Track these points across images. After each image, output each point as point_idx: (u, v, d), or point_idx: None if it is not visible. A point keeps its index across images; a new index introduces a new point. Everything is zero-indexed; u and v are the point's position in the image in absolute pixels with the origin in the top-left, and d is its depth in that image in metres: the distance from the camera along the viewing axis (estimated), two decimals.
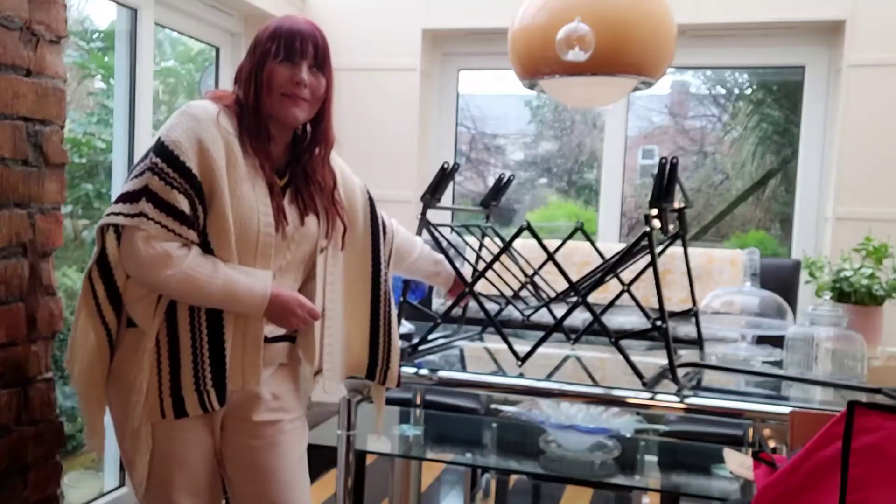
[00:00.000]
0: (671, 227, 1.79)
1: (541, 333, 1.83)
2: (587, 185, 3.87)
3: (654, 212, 1.67)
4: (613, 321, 2.62)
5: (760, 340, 2.08)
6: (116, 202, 1.47)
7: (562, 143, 3.96)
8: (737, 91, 3.89)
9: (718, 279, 2.71)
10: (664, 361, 1.70)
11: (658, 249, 1.71)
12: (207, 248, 1.49)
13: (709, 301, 2.07)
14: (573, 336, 2.15)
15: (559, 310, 1.95)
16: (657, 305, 1.65)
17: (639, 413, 2.02)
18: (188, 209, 1.44)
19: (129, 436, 1.53)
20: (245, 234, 1.49)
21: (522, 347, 1.83)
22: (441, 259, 2.00)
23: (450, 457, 2.21)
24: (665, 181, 1.68)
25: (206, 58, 3.49)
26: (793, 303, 2.63)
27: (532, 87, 2.16)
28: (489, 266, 1.86)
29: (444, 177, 1.98)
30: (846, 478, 1.08)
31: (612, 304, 1.77)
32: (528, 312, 2.09)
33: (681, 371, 1.72)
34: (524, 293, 2.17)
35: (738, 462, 1.49)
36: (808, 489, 1.13)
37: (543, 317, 2.14)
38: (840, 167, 3.01)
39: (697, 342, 2.05)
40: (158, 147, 1.46)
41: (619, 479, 1.89)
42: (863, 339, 1.75)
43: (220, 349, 1.50)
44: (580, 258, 2.80)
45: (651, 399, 1.61)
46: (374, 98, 3.52)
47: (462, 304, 2.04)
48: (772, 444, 1.58)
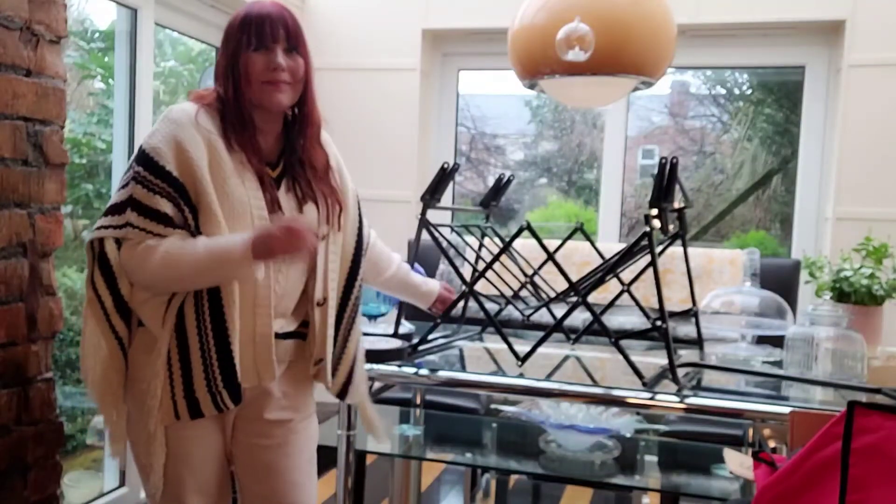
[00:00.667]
0: (671, 227, 1.79)
1: (541, 333, 1.83)
2: (587, 185, 3.88)
3: (654, 212, 1.67)
4: (613, 321, 2.62)
5: (760, 340, 2.08)
6: (105, 214, 1.51)
7: (562, 143, 3.96)
8: (737, 91, 3.89)
9: (718, 279, 2.71)
10: (664, 361, 1.70)
11: (658, 249, 1.71)
12: None
13: (709, 301, 2.07)
14: (573, 336, 2.15)
15: (559, 310, 1.95)
16: (657, 305, 1.65)
17: (639, 413, 2.02)
18: (171, 212, 1.46)
19: (145, 440, 1.53)
20: (238, 228, 1.48)
21: (522, 347, 1.83)
22: (419, 282, 1.98)
23: (450, 457, 2.21)
24: (665, 181, 1.68)
25: (207, 58, 3.49)
26: (793, 303, 2.63)
27: (532, 87, 2.16)
28: (489, 266, 1.86)
29: (444, 177, 1.98)
30: (846, 478, 1.08)
31: (612, 304, 1.77)
32: (528, 312, 2.09)
33: (681, 371, 1.72)
34: (524, 293, 2.17)
35: (738, 462, 1.49)
36: (808, 489, 1.13)
37: (543, 317, 2.14)
38: (840, 167, 3.01)
39: (697, 342, 2.05)
40: (139, 155, 1.48)
41: (619, 479, 1.89)
42: (863, 339, 1.75)
43: (227, 348, 1.49)
44: (580, 258, 2.80)
45: (651, 399, 1.61)
46: (374, 98, 3.51)
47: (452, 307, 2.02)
48: (772, 444, 1.58)
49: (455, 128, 3.71)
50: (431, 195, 1.97)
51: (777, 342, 1.99)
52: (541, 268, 2.05)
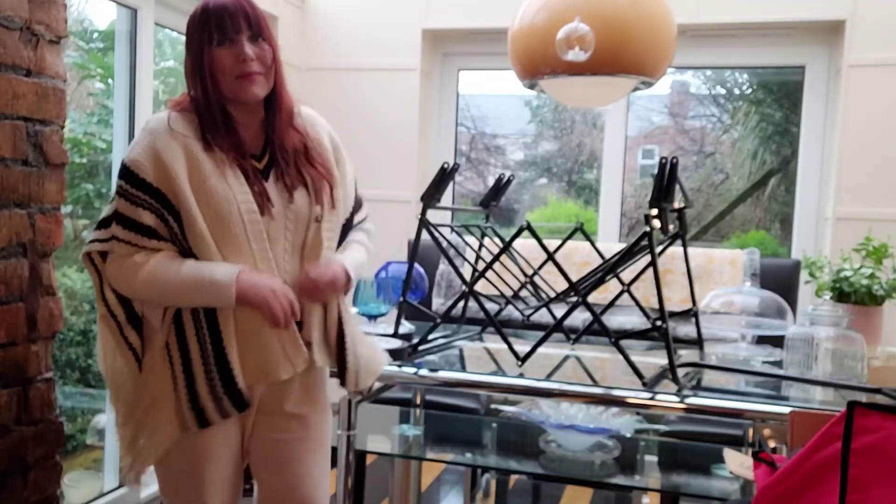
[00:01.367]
0: (671, 227, 1.79)
1: (541, 333, 1.83)
2: (587, 185, 3.87)
3: (654, 212, 1.67)
4: (613, 321, 2.62)
5: (760, 340, 2.08)
6: (95, 229, 1.54)
7: (562, 143, 3.96)
8: (737, 91, 3.89)
9: (718, 279, 2.71)
10: (664, 361, 1.70)
11: (658, 249, 1.71)
12: (190, 253, 1.49)
13: (709, 301, 2.07)
14: (573, 336, 2.15)
15: (559, 310, 1.95)
16: (657, 305, 1.65)
17: (639, 413, 2.02)
18: (154, 223, 1.48)
19: (145, 445, 1.56)
20: (228, 227, 1.47)
21: (522, 347, 1.83)
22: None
23: (450, 457, 2.21)
24: (665, 181, 1.68)
25: None
26: (793, 303, 2.63)
27: (532, 87, 2.16)
28: (489, 266, 1.86)
29: (444, 177, 1.97)
30: (846, 478, 1.08)
31: (612, 304, 1.77)
32: (528, 312, 2.09)
33: (681, 371, 1.72)
34: (524, 293, 2.17)
35: (738, 462, 1.49)
36: (808, 489, 1.13)
37: (543, 317, 2.14)
38: (840, 167, 3.01)
39: (697, 342, 2.05)
40: (121, 169, 1.50)
41: (619, 479, 1.89)
42: (863, 339, 1.75)
43: (224, 355, 1.49)
44: (580, 258, 2.80)
45: (651, 399, 1.61)
46: (374, 98, 3.51)
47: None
48: (772, 444, 1.58)
49: (455, 128, 3.71)
50: (431, 195, 1.97)
51: (777, 342, 1.99)
52: (541, 268, 2.05)
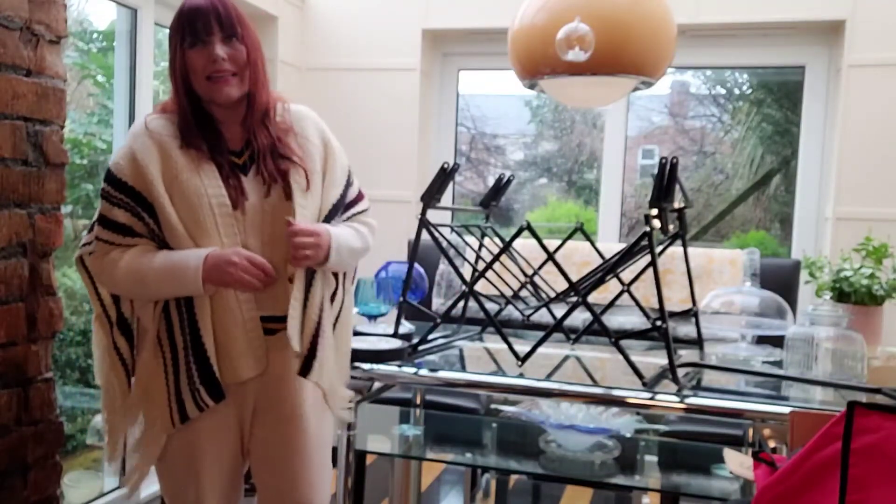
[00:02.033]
0: (671, 227, 1.79)
1: (541, 333, 1.83)
2: (587, 185, 3.87)
3: (654, 212, 1.67)
4: (613, 321, 2.62)
5: (760, 340, 2.08)
6: (88, 232, 1.60)
7: (562, 143, 3.96)
8: (737, 91, 3.88)
9: (718, 279, 2.71)
10: (664, 361, 1.70)
11: (658, 249, 1.71)
12: (167, 247, 1.52)
13: (709, 301, 2.07)
14: (573, 336, 2.15)
15: (559, 310, 1.95)
16: (657, 305, 1.65)
17: (639, 413, 2.02)
18: (129, 221, 1.52)
19: (144, 441, 1.59)
20: (199, 220, 1.49)
21: (522, 347, 1.83)
22: None
23: (450, 457, 2.21)
24: (665, 181, 1.68)
25: None
26: (793, 303, 2.63)
27: (532, 87, 2.16)
28: (489, 266, 1.86)
29: (444, 177, 1.97)
30: (846, 478, 1.08)
31: (612, 304, 1.77)
32: (528, 312, 2.09)
33: (681, 371, 1.72)
34: (524, 293, 2.17)
35: (738, 462, 1.49)
36: (808, 489, 1.13)
37: (543, 317, 2.14)
38: (840, 167, 3.01)
39: (697, 342, 2.05)
40: (105, 174, 1.55)
41: (619, 479, 1.89)
42: (863, 339, 1.75)
43: (200, 342, 1.51)
44: (580, 258, 2.80)
45: (651, 399, 1.61)
46: (374, 98, 3.51)
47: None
48: (772, 444, 1.58)
49: (455, 128, 3.71)
50: (431, 195, 1.97)
51: (777, 342, 1.99)
52: (541, 268, 2.05)
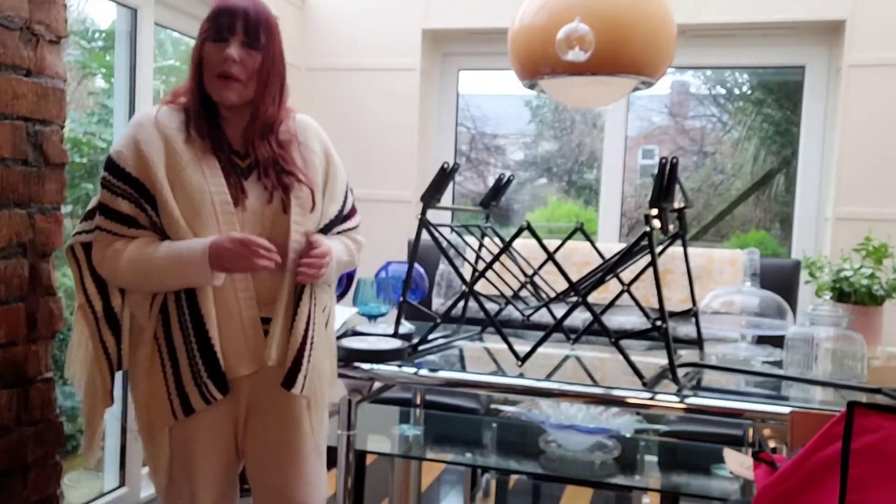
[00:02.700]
0: (671, 227, 1.79)
1: (541, 333, 1.83)
2: (587, 185, 3.87)
3: (654, 212, 1.67)
4: (613, 321, 2.62)
5: (760, 340, 2.08)
6: (82, 220, 1.58)
7: (562, 143, 3.96)
8: (737, 91, 3.88)
9: (718, 279, 2.71)
10: (664, 361, 1.70)
11: (658, 249, 1.71)
12: (166, 238, 1.52)
13: (709, 301, 2.07)
14: (573, 336, 2.15)
15: (559, 310, 1.95)
16: (657, 305, 1.65)
17: (639, 413, 2.02)
18: (132, 212, 1.51)
19: (149, 440, 1.59)
20: (201, 215, 1.50)
21: (522, 347, 1.83)
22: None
23: (450, 457, 2.21)
24: (665, 181, 1.68)
25: None
26: (793, 303, 2.63)
27: (532, 87, 2.16)
28: (489, 266, 1.86)
29: (444, 177, 1.97)
30: (846, 478, 1.08)
31: (612, 304, 1.77)
32: (528, 312, 2.09)
33: (681, 371, 1.72)
34: (524, 293, 2.17)
35: (738, 462, 1.49)
36: (808, 489, 1.13)
37: (543, 317, 2.14)
38: (840, 167, 3.01)
39: (697, 342, 2.05)
40: (106, 162, 1.55)
41: (619, 479, 1.89)
42: (863, 339, 1.75)
43: (206, 336, 1.51)
44: (580, 258, 2.80)
45: (651, 399, 1.61)
46: (374, 98, 3.51)
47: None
48: (772, 444, 1.58)
49: (455, 128, 3.71)
50: (431, 195, 1.97)
51: (777, 342, 1.99)
52: (541, 268, 2.05)
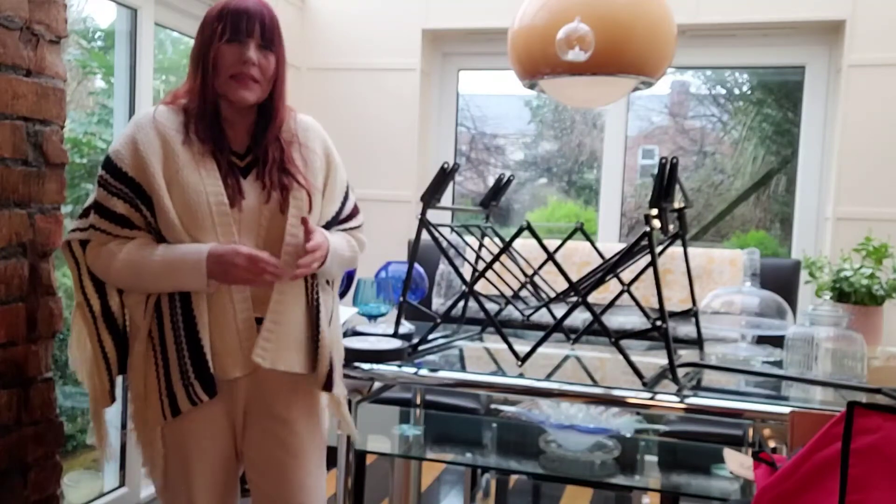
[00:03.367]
0: (671, 227, 1.79)
1: (541, 333, 1.83)
2: (587, 185, 3.87)
3: (654, 212, 1.67)
4: (613, 321, 2.62)
5: (760, 340, 2.08)
6: (78, 217, 1.58)
7: (562, 143, 3.96)
8: (737, 91, 3.88)
9: (718, 279, 2.71)
10: (664, 361, 1.70)
11: (658, 249, 1.71)
12: (163, 241, 1.52)
13: (709, 301, 2.07)
14: (573, 336, 2.15)
15: (559, 310, 1.95)
16: (657, 305, 1.65)
17: (639, 413, 2.02)
18: (127, 212, 1.51)
19: (143, 440, 1.58)
20: (196, 216, 1.49)
21: (522, 347, 1.83)
22: None
23: (450, 457, 2.21)
24: (665, 181, 1.68)
25: None
26: (793, 303, 2.63)
27: (532, 87, 2.16)
28: (489, 266, 1.86)
29: (444, 177, 1.97)
30: (846, 478, 1.08)
31: (612, 304, 1.77)
32: (528, 312, 2.09)
33: (681, 371, 1.72)
34: (524, 293, 2.17)
35: (738, 462, 1.49)
36: (808, 489, 1.13)
37: (543, 317, 2.14)
38: (840, 167, 3.01)
39: (697, 342, 2.05)
40: (103, 161, 1.55)
41: (619, 479, 1.89)
42: (863, 339, 1.75)
43: (196, 337, 1.51)
44: (580, 258, 2.80)
45: (651, 399, 1.61)
46: (374, 98, 3.51)
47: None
48: (772, 444, 1.58)
49: (455, 128, 3.71)
50: (431, 195, 1.97)
51: (777, 342, 1.99)
52: (541, 268, 2.05)
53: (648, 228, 1.66)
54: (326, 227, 1.66)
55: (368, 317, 2.04)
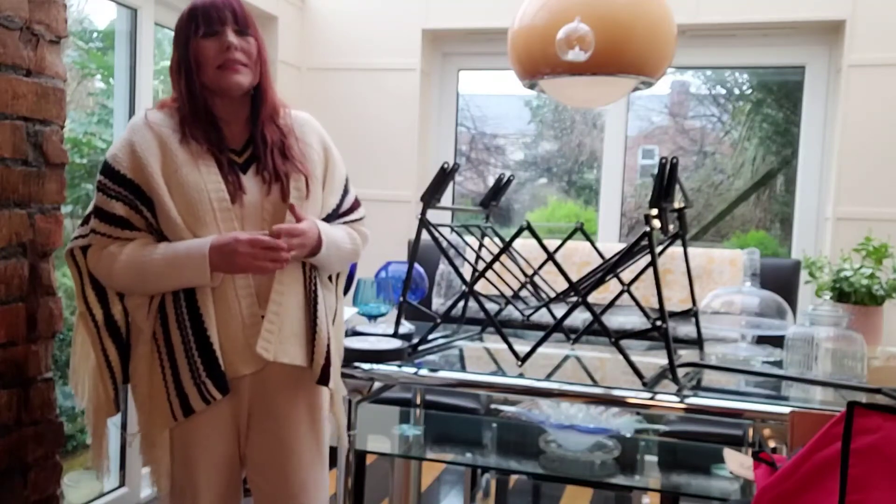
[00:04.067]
0: (671, 227, 1.79)
1: (541, 333, 1.83)
2: (587, 185, 3.87)
3: (654, 212, 1.67)
4: (613, 321, 2.62)
5: (760, 340, 2.08)
6: (80, 225, 1.59)
7: (562, 143, 3.96)
8: (737, 91, 3.88)
9: (718, 279, 2.71)
10: (664, 361, 1.70)
11: (658, 249, 1.71)
12: (165, 241, 1.52)
13: (709, 301, 2.07)
14: (573, 336, 2.15)
15: (559, 310, 1.95)
16: (657, 305, 1.65)
17: (639, 413, 2.02)
18: (127, 214, 1.52)
19: (149, 443, 1.57)
20: (198, 214, 1.50)
21: (522, 347, 1.83)
22: None
23: (450, 457, 2.21)
24: (665, 181, 1.68)
25: None
26: (793, 303, 2.63)
27: (532, 87, 2.16)
28: (489, 266, 1.86)
29: (444, 177, 1.97)
30: (846, 478, 1.08)
31: (612, 304, 1.77)
32: (528, 312, 2.09)
33: (681, 371, 1.72)
34: (524, 293, 2.17)
35: (738, 462, 1.49)
36: (808, 489, 1.13)
37: (543, 317, 2.14)
38: (840, 167, 3.01)
39: (697, 342, 2.05)
40: (102, 166, 1.55)
41: (619, 479, 1.89)
42: (863, 339, 1.75)
43: (205, 335, 1.50)
44: (580, 258, 2.80)
45: (651, 399, 1.61)
46: (374, 98, 3.51)
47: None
48: (772, 444, 1.58)
49: (455, 128, 3.71)
50: (431, 195, 1.97)
51: (777, 342, 1.99)
52: (541, 268, 2.05)
53: (648, 228, 1.66)
54: (327, 220, 1.66)
55: (368, 317, 2.03)
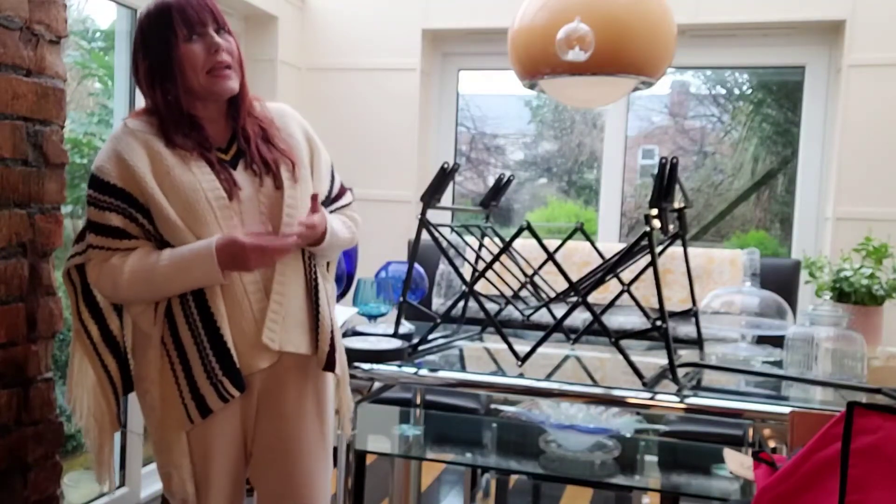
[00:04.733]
0: (671, 227, 1.79)
1: (541, 333, 1.83)
2: (587, 185, 3.87)
3: (654, 212, 1.67)
4: (613, 321, 2.62)
5: (760, 340, 2.08)
6: (74, 243, 1.57)
7: (562, 143, 3.96)
8: (737, 91, 3.88)
9: (718, 279, 2.71)
10: (664, 361, 1.70)
11: (658, 249, 1.71)
12: (166, 245, 1.51)
13: (709, 301, 2.07)
14: (573, 336, 2.15)
15: (559, 310, 1.95)
16: (657, 305, 1.65)
17: (639, 413, 2.02)
18: (123, 223, 1.49)
19: (166, 449, 1.55)
20: (197, 213, 1.48)
21: (522, 347, 1.83)
22: None
23: (450, 457, 2.21)
24: (665, 181, 1.68)
25: None
26: (793, 303, 2.63)
27: (532, 87, 2.16)
28: (489, 266, 1.86)
29: (444, 177, 1.97)
30: (846, 478, 1.08)
31: (612, 304, 1.77)
32: (528, 312, 2.09)
33: (681, 371, 1.72)
34: (524, 293, 2.18)
35: (738, 462, 1.49)
36: (808, 489, 1.13)
37: (543, 317, 2.14)
38: (840, 167, 3.01)
39: (697, 342, 2.05)
40: (89, 179, 1.52)
41: (619, 479, 1.89)
42: (863, 339, 1.75)
43: (218, 334, 1.50)
44: (580, 258, 2.80)
45: (651, 399, 1.61)
46: (374, 98, 3.51)
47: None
48: (772, 444, 1.58)
49: (455, 128, 3.71)
50: (431, 195, 1.97)
51: (777, 342, 1.99)
52: (541, 268, 2.05)
53: (648, 228, 1.66)
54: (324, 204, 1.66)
55: (368, 317, 2.04)
